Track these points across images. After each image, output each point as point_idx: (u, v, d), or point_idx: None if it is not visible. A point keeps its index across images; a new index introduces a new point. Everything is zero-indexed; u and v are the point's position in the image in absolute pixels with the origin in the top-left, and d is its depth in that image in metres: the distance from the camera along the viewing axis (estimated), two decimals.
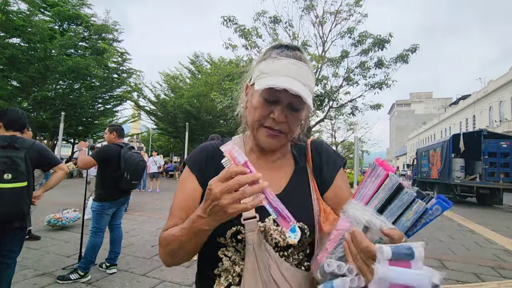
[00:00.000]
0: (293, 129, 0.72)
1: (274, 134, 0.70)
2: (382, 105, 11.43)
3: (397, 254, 0.43)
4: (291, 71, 0.66)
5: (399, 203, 0.52)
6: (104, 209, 3.03)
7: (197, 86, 20.12)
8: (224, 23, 10.37)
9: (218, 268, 0.69)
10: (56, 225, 4.82)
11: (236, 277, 0.67)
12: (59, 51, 14.96)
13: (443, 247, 4.84)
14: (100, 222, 3.03)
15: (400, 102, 73.48)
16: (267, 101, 0.69)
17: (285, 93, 0.65)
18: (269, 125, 0.70)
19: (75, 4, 16.74)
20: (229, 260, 0.68)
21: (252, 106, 0.72)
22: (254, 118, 0.71)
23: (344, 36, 11.15)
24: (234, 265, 0.67)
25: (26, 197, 2.01)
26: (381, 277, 0.40)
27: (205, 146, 0.82)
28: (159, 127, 25.26)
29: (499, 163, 10.75)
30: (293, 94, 0.64)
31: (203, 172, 0.75)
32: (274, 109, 0.68)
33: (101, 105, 20.54)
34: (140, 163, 3.19)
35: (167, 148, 34.56)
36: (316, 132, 24.63)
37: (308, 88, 0.67)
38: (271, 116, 0.69)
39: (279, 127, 0.70)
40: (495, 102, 28.41)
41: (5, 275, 2.07)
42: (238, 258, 0.67)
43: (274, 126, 0.69)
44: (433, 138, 45.84)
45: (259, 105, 0.70)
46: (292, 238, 0.65)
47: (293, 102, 0.68)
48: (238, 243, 0.67)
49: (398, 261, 0.43)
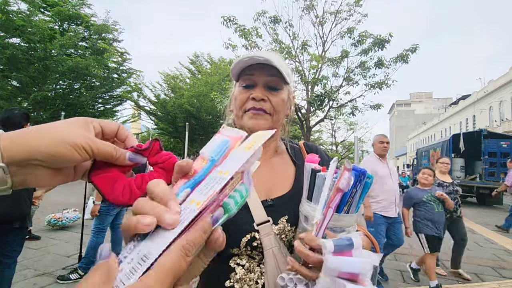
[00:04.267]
0: (278, 109, 0.73)
1: (258, 113, 0.71)
2: (382, 105, 11.43)
3: (338, 246, 0.46)
4: (257, 54, 0.69)
5: (317, 186, 0.57)
6: (109, 209, 3.04)
7: (197, 86, 20.10)
8: (224, 23, 10.37)
9: (230, 280, 0.65)
10: (56, 225, 4.82)
11: (253, 284, 0.64)
12: (59, 51, 14.95)
13: (443, 247, 4.82)
14: (103, 222, 3.04)
15: (400, 102, 73.46)
16: (245, 87, 0.72)
17: (259, 74, 0.70)
18: (251, 107, 0.71)
19: (75, 4, 16.72)
20: (243, 269, 0.65)
21: (234, 99, 0.75)
22: (237, 106, 0.74)
23: (344, 36, 11.15)
24: (250, 273, 0.65)
25: (26, 197, 2.02)
26: (331, 267, 0.43)
27: None
28: (159, 127, 25.24)
29: (499, 163, 10.75)
30: (267, 74, 0.69)
31: None
32: (253, 91, 0.71)
33: (101, 105, 20.52)
34: None
35: (167, 148, 34.58)
36: (316, 132, 24.63)
37: (278, 63, 0.68)
38: (251, 97, 0.71)
39: (261, 105, 0.71)
40: (495, 102, 28.41)
41: (6, 275, 2.07)
42: (253, 264, 0.65)
43: (256, 106, 0.71)
44: (433, 138, 45.82)
45: (239, 94, 0.73)
46: None
47: (269, 81, 0.71)
48: (253, 250, 0.65)
49: (341, 252, 0.46)
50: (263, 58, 0.66)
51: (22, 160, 0.31)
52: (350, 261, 0.44)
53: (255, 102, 0.71)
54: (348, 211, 0.54)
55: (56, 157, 0.32)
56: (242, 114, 0.73)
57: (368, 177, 0.52)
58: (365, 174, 0.52)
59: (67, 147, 0.32)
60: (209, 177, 0.30)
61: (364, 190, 0.54)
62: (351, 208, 0.54)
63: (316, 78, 11.25)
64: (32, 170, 0.32)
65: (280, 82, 0.72)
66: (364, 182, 0.53)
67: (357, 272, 0.44)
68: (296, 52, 11.32)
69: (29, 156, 0.31)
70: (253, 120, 0.71)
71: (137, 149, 0.41)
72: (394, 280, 3.31)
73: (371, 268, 0.45)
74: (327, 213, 0.51)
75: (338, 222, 0.53)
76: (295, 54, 11.29)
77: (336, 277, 0.44)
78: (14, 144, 0.31)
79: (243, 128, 0.73)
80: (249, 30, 10.67)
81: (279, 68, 0.68)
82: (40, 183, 0.34)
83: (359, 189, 0.53)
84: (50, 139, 0.32)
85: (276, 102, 0.72)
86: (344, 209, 0.53)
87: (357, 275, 0.44)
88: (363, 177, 0.52)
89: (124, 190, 0.39)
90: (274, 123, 0.74)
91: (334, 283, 0.43)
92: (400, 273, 3.54)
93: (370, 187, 0.55)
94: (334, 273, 0.44)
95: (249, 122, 0.71)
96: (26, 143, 0.31)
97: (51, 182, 0.35)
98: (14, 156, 0.30)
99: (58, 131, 0.33)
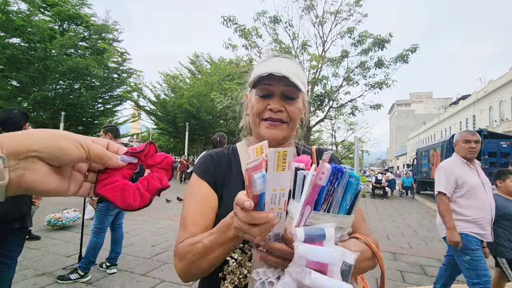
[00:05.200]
0: (294, 117, 0.75)
1: (275, 124, 0.74)
2: (382, 105, 11.44)
3: (309, 235, 0.46)
4: (275, 63, 0.72)
5: (297, 183, 0.56)
6: (109, 209, 3.04)
7: (197, 86, 20.09)
8: (224, 23, 10.38)
9: (223, 271, 0.68)
10: (56, 225, 4.82)
11: (242, 278, 0.67)
12: (59, 51, 14.95)
13: (443, 247, 4.83)
14: (103, 222, 3.04)
15: (400, 102, 73.49)
16: (262, 97, 0.74)
17: (276, 85, 0.72)
18: (268, 117, 0.74)
19: (75, 4, 16.71)
20: (236, 262, 0.68)
21: (251, 106, 0.77)
22: (254, 114, 0.76)
23: (344, 36, 11.16)
24: (240, 267, 0.67)
25: (26, 197, 2.01)
26: (300, 255, 0.43)
27: (207, 155, 0.83)
28: (159, 127, 25.25)
29: (499, 163, 10.75)
30: (284, 84, 0.71)
31: (213, 177, 0.76)
32: (270, 101, 0.73)
33: (101, 105, 20.51)
34: None
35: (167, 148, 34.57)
36: (316, 132, 24.65)
37: (295, 75, 0.70)
38: (268, 108, 0.73)
39: (278, 116, 0.73)
40: (495, 102, 28.41)
41: (6, 275, 2.06)
42: (244, 259, 0.68)
43: (273, 116, 0.73)
44: (433, 138, 45.82)
45: (256, 102, 0.75)
46: None
47: (285, 91, 0.73)
48: (245, 244, 0.68)
49: (312, 242, 0.46)
50: (281, 74, 0.67)
51: (22, 152, 0.32)
52: (318, 250, 0.44)
53: (272, 113, 0.73)
54: (328, 210, 0.51)
55: (54, 148, 0.34)
56: (259, 122, 0.76)
57: (351, 175, 0.50)
58: (343, 171, 0.49)
59: (65, 141, 0.36)
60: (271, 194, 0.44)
61: (348, 191, 0.51)
62: (332, 208, 0.51)
63: (316, 78, 11.25)
64: (30, 164, 0.33)
65: (296, 91, 0.74)
66: (347, 181, 0.50)
67: (325, 262, 0.43)
68: (296, 52, 11.32)
69: (29, 146, 0.33)
70: (269, 130, 0.74)
71: (131, 152, 0.42)
72: (394, 280, 3.31)
73: (340, 260, 0.44)
74: (305, 210, 0.51)
75: (317, 220, 0.51)
76: (295, 54, 11.29)
77: (304, 266, 0.44)
78: (14, 137, 0.33)
79: (259, 135, 0.76)
80: (249, 30, 10.68)
81: (296, 82, 0.69)
82: (37, 183, 0.34)
83: (338, 187, 0.50)
84: (50, 133, 0.35)
85: (292, 111, 0.75)
86: (322, 207, 0.51)
87: (325, 265, 0.43)
88: (340, 175, 0.49)
89: (134, 195, 0.41)
90: (290, 131, 0.77)
91: (301, 272, 0.43)
92: (400, 273, 3.54)
93: (457, 201, 0.49)
94: (302, 262, 0.43)
95: (265, 132, 0.74)
96: (26, 134, 0.34)
97: (47, 182, 0.35)
98: (13, 146, 0.32)
99: (57, 131, 0.37)
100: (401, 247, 4.68)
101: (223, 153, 0.82)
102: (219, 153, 0.82)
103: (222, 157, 0.80)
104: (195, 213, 0.71)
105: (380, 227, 6.32)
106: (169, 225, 5.57)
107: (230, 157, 0.81)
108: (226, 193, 0.74)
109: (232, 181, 0.76)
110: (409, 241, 5.13)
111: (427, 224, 6.82)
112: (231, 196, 0.72)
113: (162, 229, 5.25)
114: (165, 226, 5.49)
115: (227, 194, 0.73)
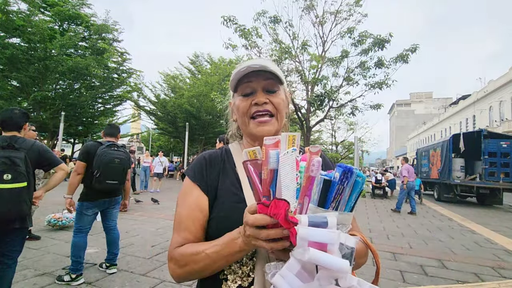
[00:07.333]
0: (279, 108, 0.78)
1: (264, 120, 0.76)
2: (382, 105, 11.43)
3: (313, 222, 0.48)
4: (251, 62, 0.74)
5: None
6: (82, 209, 2.93)
7: (197, 86, 20.07)
8: (224, 23, 10.37)
9: (224, 271, 0.68)
10: (56, 225, 4.82)
11: (245, 277, 0.66)
12: (59, 51, 14.94)
13: (443, 247, 4.84)
14: (80, 222, 2.92)
15: (400, 102, 73.45)
16: (245, 96, 0.77)
17: (256, 80, 0.75)
18: (255, 111, 0.76)
19: (75, 4, 16.71)
20: (237, 262, 0.67)
21: (236, 109, 0.79)
22: (241, 114, 0.78)
23: (344, 36, 11.16)
24: (242, 266, 0.67)
25: (26, 197, 2.01)
26: (301, 237, 0.46)
27: (200, 156, 0.84)
28: (159, 127, 25.23)
29: (499, 163, 10.76)
30: (263, 78, 0.74)
31: (205, 180, 0.77)
32: (254, 97, 0.76)
33: (101, 105, 20.51)
34: (115, 161, 2.98)
35: (167, 148, 34.56)
36: (316, 132, 24.63)
37: (271, 66, 0.74)
38: (253, 103, 0.76)
39: (264, 107, 0.75)
40: (495, 102, 28.41)
41: (6, 275, 2.07)
42: (245, 258, 0.67)
43: (260, 109, 0.75)
44: (433, 138, 45.82)
45: (241, 102, 0.77)
46: None
47: (266, 85, 0.76)
48: None
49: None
50: (259, 65, 0.71)
51: None
52: (318, 231, 0.47)
53: (258, 106, 0.75)
54: (336, 208, 0.54)
55: None
56: (248, 121, 0.77)
57: (358, 175, 0.52)
58: (352, 171, 0.52)
59: None
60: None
61: (355, 189, 0.53)
62: (340, 206, 0.54)
63: (316, 78, 11.25)
64: None
65: (277, 84, 0.77)
66: (354, 181, 0.52)
67: (325, 241, 0.46)
68: (296, 52, 11.32)
69: None
70: (260, 127, 0.76)
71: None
72: (394, 280, 3.31)
73: (338, 240, 0.46)
74: (303, 202, 0.54)
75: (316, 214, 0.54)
76: (295, 54, 11.29)
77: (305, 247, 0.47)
78: None
79: (251, 134, 0.78)
80: (249, 30, 10.67)
81: (275, 72, 0.73)
82: None
83: (347, 186, 0.52)
84: None
85: (277, 102, 0.77)
86: (331, 205, 0.53)
87: (324, 245, 0.46)
88: (349, 174, 0.52)
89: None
90: (279, 124, 0.78)
91: (304, 251, 0.46)
92: (400, 273, 3.54)
93: None
94: (304, 243, 0.46)
95: (257, 129, 0.76)
96: None
97: None
98: None
99: None
100: (401, 247, 4.68)
101: (217, 154, 0.83)
102: (212, 154, 0.83)
103: (215, 158, 0.81)
104: (187, 219, 0.72)
105: (380, 227, 6.31)
106: (169, 225, 5.57)
107: (224, 158, 0.82)
108: (220, 193, 0.74)
109: (226, 181, 0.76)
110: (409, 241, 5.13)
111: (427, 224, 6.83)
112: (225, 195, 0.74)
113: (162, 229, 5.25)
114: (165, 226, 5.49)
115: (221, 194, 0.74)
